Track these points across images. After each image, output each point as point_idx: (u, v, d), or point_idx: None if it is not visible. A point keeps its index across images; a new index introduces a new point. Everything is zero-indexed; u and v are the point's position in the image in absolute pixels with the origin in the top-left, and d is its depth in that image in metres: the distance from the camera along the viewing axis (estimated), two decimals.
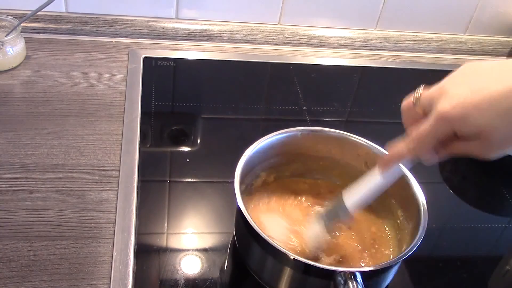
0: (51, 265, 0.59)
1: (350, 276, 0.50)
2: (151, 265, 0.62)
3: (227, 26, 1.00)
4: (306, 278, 0.55)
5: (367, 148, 0.64)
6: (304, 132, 0.65)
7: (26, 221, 0.64)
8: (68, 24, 0.94)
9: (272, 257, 0.55)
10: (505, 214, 0.79)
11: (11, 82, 0.84)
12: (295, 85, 0.93)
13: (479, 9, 1.06)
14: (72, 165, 0.71)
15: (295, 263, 0.53)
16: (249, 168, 0.62)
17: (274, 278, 0.57)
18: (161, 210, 0.68)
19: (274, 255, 0.55)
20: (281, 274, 0.56)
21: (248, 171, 0.63)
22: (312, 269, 0.53)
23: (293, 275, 0.55)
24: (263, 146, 0.63)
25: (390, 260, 0.55)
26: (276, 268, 0.56)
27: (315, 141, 0.66)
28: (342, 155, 0.66)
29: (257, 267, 0.59)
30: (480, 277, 0.68)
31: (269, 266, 0.57)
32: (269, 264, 0.57)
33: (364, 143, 0.65)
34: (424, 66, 1.04)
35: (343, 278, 0.50)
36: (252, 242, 0.57)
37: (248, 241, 0.58)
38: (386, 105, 0.94)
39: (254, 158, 0.62)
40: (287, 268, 0.55)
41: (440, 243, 0.71)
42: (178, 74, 0.93)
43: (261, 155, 0.63)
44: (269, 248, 0.54)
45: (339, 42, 1.04)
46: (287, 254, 0.53)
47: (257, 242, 0.56)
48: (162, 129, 0.81)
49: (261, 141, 0.63)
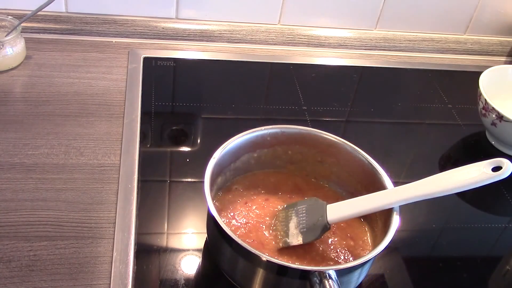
0: (51, 265, 0.59)
1: (325, 275, 0.50)
2: (151, 265, 0.62)
3: (227, 26, 1.00)
4: (281, 279, 0.55)
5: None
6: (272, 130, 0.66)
7: (26, 221, 0.64)
8: (68, 24, 0.94)
9: (243, 258, 0.55)
10: (505, 214, 0.79)
11: (11, 82, 0.84)
12: (295, 85, 0.93)
13: (479, 9, 1.06)
14: (72, 165, 0.71)
15: (268, 264, 0.53)
16: (220, 169, 0.62)
17: (247, 280, 0.57)
18: (161, 210, 0.68)
19: (245, 257, 0.54)
20: (254, 276, 0.55)
21: (219, 172, 0.63)
22: (286, 270, 0.53)
23: (266, 276, 0.54)
24: (233, 146, 0.63)
25: (364, 256, 0.54)
26: (248, 269, 0.55)
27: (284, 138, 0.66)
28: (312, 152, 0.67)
29: (229, 269, 0.59)
30: (480, 277, 0.68)
31: (241, 268, 0.57)
32: (241, 265, 0.56)
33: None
34: (424, 66, 1.04)
35: (318, 278, 0.51)
36: (223, 244, 0.56)
37: (220, 243, 0.57)
38: (386, 105, 0.94)
39: (223, 159, 0.62)
40: (260, 270, 0.54)
41: (440, 243, 0.71)
42: (178, 74, 0.93)
43: (231, 155, 0.64)
44: (241, 250, 0.53)
45: (339, 42, 1.04)
46: (259, 255, 0.52)
47: (228, 244, 0.55)
48: (162, 129, 0.81)
49: (230, 142, 0.63)
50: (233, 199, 0.65)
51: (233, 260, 0.57)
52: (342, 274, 0.53)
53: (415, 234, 0.71)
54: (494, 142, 0.87)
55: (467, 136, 0.90)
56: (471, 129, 0.90)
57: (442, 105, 0.95)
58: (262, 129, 0.65)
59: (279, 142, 0.66)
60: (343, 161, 0.66)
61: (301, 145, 0.67)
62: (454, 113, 0.93)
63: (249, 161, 0.67)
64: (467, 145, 0.89)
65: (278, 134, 0.66)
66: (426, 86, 1.00)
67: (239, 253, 0.55)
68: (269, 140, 0.66)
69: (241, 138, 0.64)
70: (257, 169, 0.68)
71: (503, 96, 0.88)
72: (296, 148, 0.67)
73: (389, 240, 0.54)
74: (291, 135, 0.66)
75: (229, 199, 0.65)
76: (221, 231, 0.54)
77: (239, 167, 0.66)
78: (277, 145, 0.67)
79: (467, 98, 0.93)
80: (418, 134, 0.91)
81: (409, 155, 0.85)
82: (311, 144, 0.67)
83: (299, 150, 0.67)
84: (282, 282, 0.55)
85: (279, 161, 0.68)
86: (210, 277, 0.62)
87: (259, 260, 0.53)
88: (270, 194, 0.66)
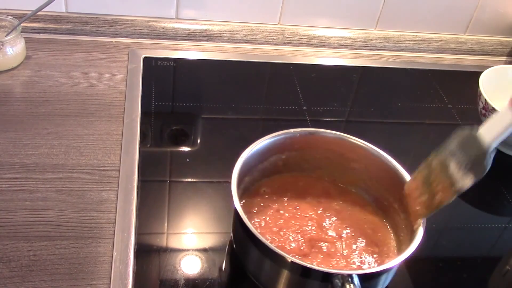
0: (51, 265, 0.59)
1: (347, 279, 0.50)
2: (151, 265, 0.62)
3: (227, 26, 1.00)
4: (304, 281, 0.55)
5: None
6: (302, 133, 0.66)
7: (26, 221, 0.64)
8: (68, 24, 0.94)
9: (269, 259, 0.55)
10: (505, 214, 0.79)
11: (11, 82, 0.84)
12: (295, 85, 0.93)
13: (479, 9, 1.06)
14: (72, 165, 0.71)
15: (292, 266, 0.53)
16: (247, 169, 0.62)
17: (272, 281, 0.57)
18: (161, 210, 0.68)
19: (271, 257, 0.54)
20: (279, 277, 0.55)
21: (247, 172, 0.62)
22: (310, 272, 0.53)
23: (291, 277, 0.55)
24: (261, 146, 0.63)
25: (388, 263, 0.54)
26: (273, 270, 0.56)
27: (313, 141, 0.66)
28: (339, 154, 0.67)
29: (254, 269, 0.59)
30: (480, 277, 0.68)
31: (266, 269, 0.57)
32: (266, 266, 0.57)
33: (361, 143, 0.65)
34: (424, 66, 1.04)
35: (340, 281, 0.50)
36: (249, 244, 0.56)
37: (246, 243, 0.57)
38: (386, 105, 0.94)
39: (251, 158, 0.62)
40: (284, 271, 0.54)
41: (440, 243, 0.71)
42: (178, 74, 0.93)
43: (259, 156, 0.63)
44: (267, 251, 0.53)
45: (339, 42, 1.04)
46: (284, 256, 0.52)
47: (254, 245, 0.55)
48: (162, 129, 0.81)
49: (259, 142, 0.63)
50: (262, 202, 0.64)
51: (259, 261, 0.57)
52: (364, 280, 0.52)
53: None
54: None
55: None
56: None
57: (442, 105, 0.95)
58: (292, 131, 0.65)
59: (308, 145, 0.66)
60: (370, 167, 0.65)
61: (329, 150, 0.66)
62: (454, 113, 0.93)
63: (277, 163, 0.66)
64: None
65: (307, 136, 0.66)
66: (426, 86, 1.00)
67: (265, 254, 0.55)
68: (298, 142, 0.65)
69: (270, 139, 0.63)
70: (285, 172, 0.68)
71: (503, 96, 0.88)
72: (324, 153, 0.67)
73: (414, 248, 0.54)
74: (319, 138, 0.66)
75: (257, 202, 0.64)
76: (247, 232, 0.54)
77: (267, 168, 0.66)
78: (306, 148, 0.66)
79: (467, 98, 0.93)
80: (418, 134, 0.91)
81: (409, 155, 0.85)
82: (339, 148, 0.66)
83: (326, 154, 0.67)
84: (305, 284, 0.55)
85: (307, 164, 0.68)
86: (234, 278, 0.63)
87: (284, 261, 0.53)
88: (299, 199, 0.65)
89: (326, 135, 0.66)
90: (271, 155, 0.65)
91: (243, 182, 0.62)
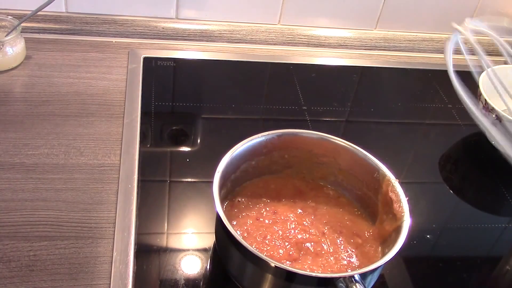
0: (51, 265, 0.59)
1: (351, 280, 0.50)
2: (151, 265, 0.62)
3: (227, 26, 1.00)
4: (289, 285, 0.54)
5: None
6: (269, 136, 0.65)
7: (26, 221, 0.64)
8: (68, 24, 0.94)
9: (252, 264, 0.54)
10: (505, 214, 0.79)
11: (11, 82, 0.84)
12: (295, 85, 0.93)
13: (479, 9, 1.06)
14: (72, 165, 0.71)
15: (277, 271, 0.53)
16: (223, 181, 0.61)
17: (255, 286, 0.57)
18: (161, 210, 0.68)
19: (254, 262, 0.54)
20: (263, 282, 0.55)
21: (222, 184, 0.62)
22: (313, 280, 0.53)
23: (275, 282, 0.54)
24: (234, 156, 0.62)
25: (385, 256, 0.54)
26: (257, 275, 0.55)
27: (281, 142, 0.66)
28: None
29: (237, 274, 0.59)
30: (480, 277, 0.68)
31: (250, 274, 0.57)
32: (249, 271, 0.56)
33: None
34: (424, 66, 1.04)
35: (344, 284, 0.50)
36: (231, 248, 0.56)
37: (228, 247, 0.57)
38: (386, 105, 0.94)
39: (227, 170, 0.61)
40: (269, 276, 0.54)
41: (440, 243, 0.71)
42: (178, 74, 0.93)
43: (233, 166, 0.63)
44: (249, 256, 0.53)
45: (339, 42, 1.04)
46: (268, 261, 0.52)
47: (237, 249, 0.55)
48: (162, 129, 0.81)
49: (232, 151, 0.62)
50: (239, 213, 0.64)
51: (241, 266, 0.57)
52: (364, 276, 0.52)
53: (415, 234, 0.71)
54: (494, 142, 0.87)
55: (467, 136, 0.90)
56: (471, 129, 0.90)
57: (442, 105, 0.95)
58: (260, 136, 0.64)
59: (276, 147, 0.66)
60: (339, 159, 0.66)
61: (296, 148, 0.67)
62: (454, 113, 0.93)
63: (248, 170, 0.66)
64: (467, 145, 0.89)
65: (274, 139, 0.65)
66: (426, 86, 1.00)
67: (248, 259, 0.54)
68: (266, 146, 0.65)
69: (241, 147, 0.63)
70: (255, 177, 0.67)
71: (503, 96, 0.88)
72: (291, 152, 0.67)
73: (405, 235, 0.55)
74: (286, 139, 0.66)
75: (235, 213, 0.64)
76: (230, 236, 0.54)
77: (238, 177, 0.65)
78: (274, 151, 0.66)
79: None
80: (418, 134, 0.91)
81: (409, 155, 0.85)
82: (306, 146, 0.66)
83: (294, 153, 0.67)
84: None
85: (275, 166, 0.68)
86: (218, 282, 0.62)
87: (267, 266, 0.53)
88: (275, 203, 0.65)
89: (293, 135, 0.66)
90: (242, 163, 0.65)
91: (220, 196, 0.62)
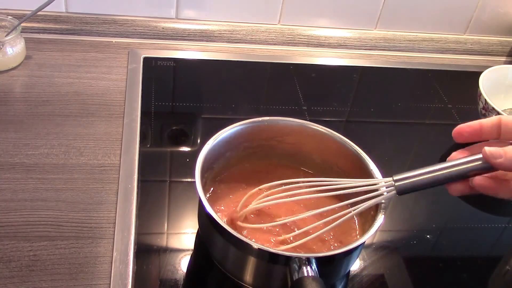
0: (51, 265, 0.59)
1: (305, 262, 0.51)
2: (151, 265, 0.62)
3: (227, 26, 1.00)
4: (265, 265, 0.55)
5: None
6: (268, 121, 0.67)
7: (26, 221, 0.64)
8: (68, 24, 0.94)
9: (234, 247, 0.55)
10: (505, 214, 0.79)
11: (11, 82, 0.84)
12: (295, 85, 0.93)
13: (479, 9, 1.06)
14: (72, 165, 0.71)
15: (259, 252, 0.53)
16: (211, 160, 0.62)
17: (237, 267, 0.57)
18: (161, 210, 0.68)
19: (236, 245, 0.54)
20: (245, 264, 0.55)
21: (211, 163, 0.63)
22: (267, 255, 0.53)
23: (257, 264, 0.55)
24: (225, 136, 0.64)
25: (346, 247, 0.54)
26: (239, 258, 0.56)
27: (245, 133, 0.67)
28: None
29: (220, 258, 0.59)
30: (480, 277, 0.68)
31: (231, 256, 0.57)
32: (232, 254, 0.57)
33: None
34: (424, 66, 1.04)
35: (297, 264, 0.51)
36: (214, 234, 0.56)
37: (211, 233, 0.57)
38: (386, 105, 0.94)
39: (215, 149, 0.63)
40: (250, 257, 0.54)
41: (440, 243, 0.71)
42: (178, 74, 0.93)
43: (222, 147, 0.64)
44: (231, 239, 0.53)
45: (339, 42, 1.04)
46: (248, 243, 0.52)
47: (219, 234, 0.55)
48: (162, 129, 0.81)
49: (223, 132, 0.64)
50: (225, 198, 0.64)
51: (224, 249, 0.57)
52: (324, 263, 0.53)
53: (415, 234, 0.71)
54: None
55: None
56: None
57: (442, 105, 0.95)
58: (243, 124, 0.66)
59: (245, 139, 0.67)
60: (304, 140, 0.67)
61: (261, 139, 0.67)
62: (454, 113, 0.93)
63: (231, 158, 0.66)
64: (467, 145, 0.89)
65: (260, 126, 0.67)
66: (426, 86, 1.00)
67: (230, 242, 0.55)
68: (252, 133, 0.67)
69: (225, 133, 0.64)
70: (239, 164, 0.68)
71: (503, 96, 0.88)
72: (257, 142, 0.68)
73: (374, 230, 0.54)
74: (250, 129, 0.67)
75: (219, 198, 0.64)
76: (212, 221, 0.54)
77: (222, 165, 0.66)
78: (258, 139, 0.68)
79: (467, 98, 0.93)
80: (418, 134, 0.91)
81: (409, 155, 0.85)
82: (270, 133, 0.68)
83: (260, 143, 0.68)
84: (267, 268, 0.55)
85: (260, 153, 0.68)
86: (203, 267, 0.63)
87: (249, 248, 0.53)
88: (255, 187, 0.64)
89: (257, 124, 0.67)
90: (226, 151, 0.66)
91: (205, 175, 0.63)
